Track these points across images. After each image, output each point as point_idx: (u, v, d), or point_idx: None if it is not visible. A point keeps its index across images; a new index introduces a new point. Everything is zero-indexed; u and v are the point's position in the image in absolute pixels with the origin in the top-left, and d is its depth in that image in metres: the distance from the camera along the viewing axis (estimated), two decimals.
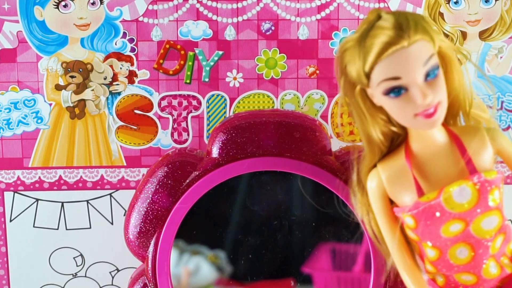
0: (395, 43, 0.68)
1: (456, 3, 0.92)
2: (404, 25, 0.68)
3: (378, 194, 0.75)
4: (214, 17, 0.92)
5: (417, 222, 0.73)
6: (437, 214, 0.72)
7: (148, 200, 0.86)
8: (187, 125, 0.95)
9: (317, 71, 0.94)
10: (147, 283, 0.88)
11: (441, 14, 0.92)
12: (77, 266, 0.98)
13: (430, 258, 0.74)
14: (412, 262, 0.76)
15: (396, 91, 0.69)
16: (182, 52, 0.93)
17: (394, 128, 0.74)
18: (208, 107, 0.94)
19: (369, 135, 0.74)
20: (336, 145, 0.93)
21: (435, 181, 0.73)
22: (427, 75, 0.69)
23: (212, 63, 0.93)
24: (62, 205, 0.96)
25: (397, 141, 0.76)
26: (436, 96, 0.70)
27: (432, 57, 0.70)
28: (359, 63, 0.69)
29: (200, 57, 0.93)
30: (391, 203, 0.76)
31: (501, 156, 0.75)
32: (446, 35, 0.93)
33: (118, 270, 0.98)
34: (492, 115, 0.78)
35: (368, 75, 0.70)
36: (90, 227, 0.97)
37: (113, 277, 0.98)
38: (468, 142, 0.73)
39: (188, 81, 0.94)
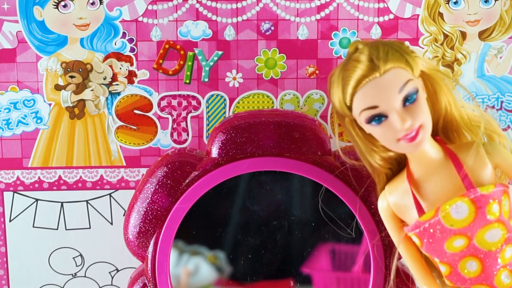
0: (368, 75, 0.71)
1: (455, 3, 0.92)
2: (375, 56, 0.71)
3: (388, 215, 0.78)
4: (214, 17, 0.92)
5: (421, 240, 0.75)
6: (438, 231, 0.74)
7: (148, 200, 0.86)
8: (186, 125, 0.95)
9: (317, 71, 0.94)
10: (147, 283, 0.88)
11: (441, 14, 0.92)
12: (76, 266, 0.98)
13: (444, 273, 0.76)
14: (430, 276, 0.78)
15: (377, 119, 0.72)
16: (182, 52, 0.93)
17: (391, 153, 0.76)
18: (207, 107, 0.94)
19: (369, 162, 0.77)
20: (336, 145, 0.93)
21: (434, 199, 0.75)
22: (406, 100, 0.72)
23: (211, 63, 0.93)
24: (62, 205, 0.96)
25: (404, 162, 0.78)
26: (416, 120, 0.72)
27: (409, 83, 0.72)
28: (340, 95, 0.73)
29: (199, 57, 0.93)
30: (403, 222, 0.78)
31: (500, 169, 0.76)
32: (446, 36, 0.93)
33: (117, 270, 0.98)
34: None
35: (349, 107, 0.73)
36: (89, 227, 0.97)
37: (112, 277, 0.98)
38: (465, 158, 0.75)
39: (187, 81, 0.94)
